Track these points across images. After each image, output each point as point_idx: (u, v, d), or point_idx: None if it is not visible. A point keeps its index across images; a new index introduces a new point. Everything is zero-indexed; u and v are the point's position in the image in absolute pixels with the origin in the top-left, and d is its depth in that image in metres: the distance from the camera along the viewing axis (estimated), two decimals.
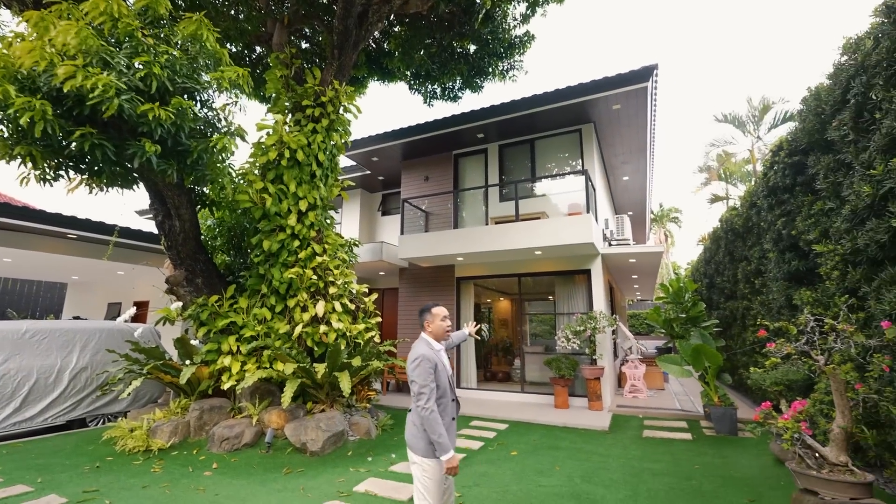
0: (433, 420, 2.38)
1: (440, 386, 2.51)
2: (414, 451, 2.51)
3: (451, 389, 2.63)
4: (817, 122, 3.96)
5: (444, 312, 2.72)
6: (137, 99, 4.41)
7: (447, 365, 2.65)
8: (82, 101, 4.17)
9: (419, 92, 9.51)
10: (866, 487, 2.93)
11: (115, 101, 4.10)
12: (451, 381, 2.63)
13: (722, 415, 6.27)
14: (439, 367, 2.55)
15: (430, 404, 2.39)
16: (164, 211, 6.26)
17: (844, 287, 3.75)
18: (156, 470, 4.75)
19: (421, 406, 2.41)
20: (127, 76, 4.32)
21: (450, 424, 2.54)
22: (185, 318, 6.31)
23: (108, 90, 4.04)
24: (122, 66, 4.33)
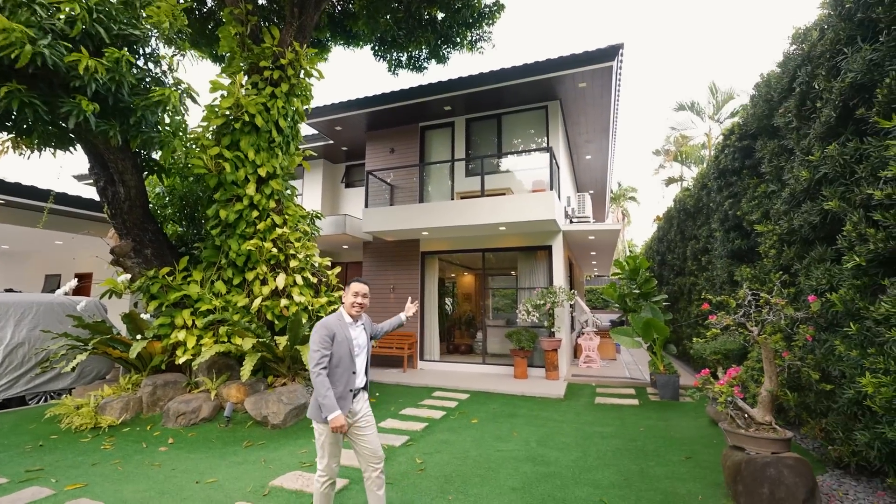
0: (318, 383, 2.58)
1: (336, 354, 2.67)
2: (308, 414, 2.74)
3: (353, 362, 2.73)
4: (766, 108, 4.19)
5: (357, 289, 2.85)
6: (63, 45, 3.95)
7: (353, 339, 2.77)
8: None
9: (384, 59, 9.18)
10: (786, 443, 3.27)
11: (26, 49, 3.64)
12: (353, 354, 2.73)
13: (666, 382, 6.76)
14: (338, 338, 2.69)
15: (317, 368, 2.58)
16: (106, 176, 5.81)
17: (780, 264, 4.07)
18: (106, 447, 4.58)
19: (310, 369, 2.61)
20: (44, 17, 3.82)
21: (344, 395, 2.68)
22: (133, 291, 5.99)
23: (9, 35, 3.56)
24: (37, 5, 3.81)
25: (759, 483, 3.07)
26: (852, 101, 2.91)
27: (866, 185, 2.70)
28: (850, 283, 2.90)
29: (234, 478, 3.78)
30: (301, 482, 3.64)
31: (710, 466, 3.97)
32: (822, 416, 3.74)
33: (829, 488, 3.41)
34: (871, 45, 2.73)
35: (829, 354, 3.32)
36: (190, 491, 3.52)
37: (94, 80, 4.17)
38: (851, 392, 3.01)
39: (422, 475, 3.83)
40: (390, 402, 6.60)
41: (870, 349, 2.77)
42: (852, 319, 2.95)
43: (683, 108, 15.54)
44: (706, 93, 15.88)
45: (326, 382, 2.58)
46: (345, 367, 2.70)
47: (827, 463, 3.83)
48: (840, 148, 2.97)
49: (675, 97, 23.68)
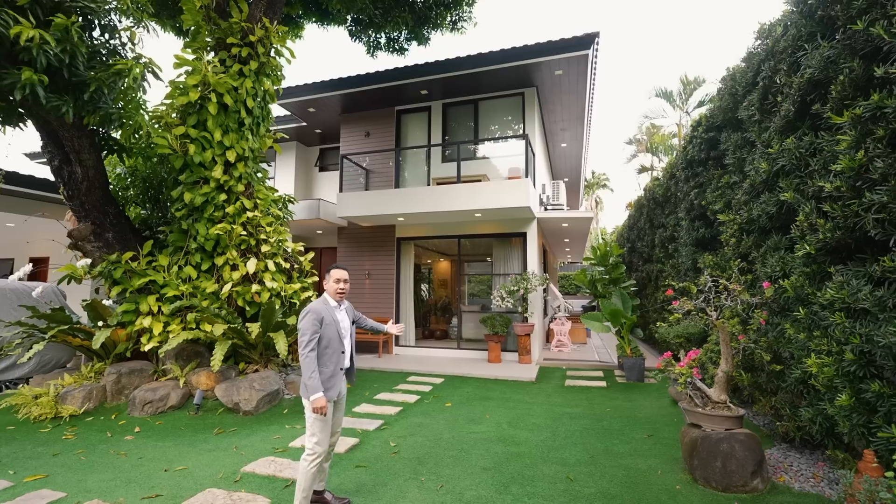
0: (305, 364, 2.70)
1: (325, 337, 2.81)
2: (300, 392, 2.83)
3: (341, 342, 2.91)
4: (731, 101, 4.33)
5: (338, 275, 2.97)
6: (7, 13, 3.67)
7: (340, 321, 2.94)
8: None
9: (361, 40, 8.93)
10: (738, 420, 3.49)
11: None
12: (341, 335, 2.92)
13: (632, 364, 7.04)
14: (327, 321, 2.83)
15: (306, 350, 2.70)
16: (61, 155, 5.49)
17: (739, 252, 4.28)
18: (68, 437, 4.44)
19: (299, 351, 2.72)
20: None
21: (335, 373, 2.86)
22: (94, 276, 5.73)
23: None
24: None
25: (714, 457, 3.27)
26: (809, 96, 3.05)
27: (818, 177, 2.86)
28: (801, 270, 3.08)
29: (205, 465, 3.74)
30: (274, 467, 3.64)
31: (669, 443, 4.19)
32: (773, 395, 3.99)
33: (775, 460, 3.66)
34: (828, 43, 2.85)
35: (780, 337, 3.53)
36: (158, 479, 3.46)
37: (44, 51, 3.90)
38: (798, 372, 3.23)
39: (395, 458, 3.89)
40: (365, 387, 6.63)
41: (815, 332, 2.96)
42: (801, 304, 3.14)
43: (659, 97, 15.86)
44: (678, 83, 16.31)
45: (313, 365, 2.70)
46: (334, 347, 2.86)
47: (775, 437, 4.10)
48: (797, 141, 3.12)
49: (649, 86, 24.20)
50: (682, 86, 15.12)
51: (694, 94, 15.07)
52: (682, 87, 15.13)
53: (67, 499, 3.12)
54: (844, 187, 2.55)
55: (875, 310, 2.40)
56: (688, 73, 14.25)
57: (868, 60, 2.57)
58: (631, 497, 3.15)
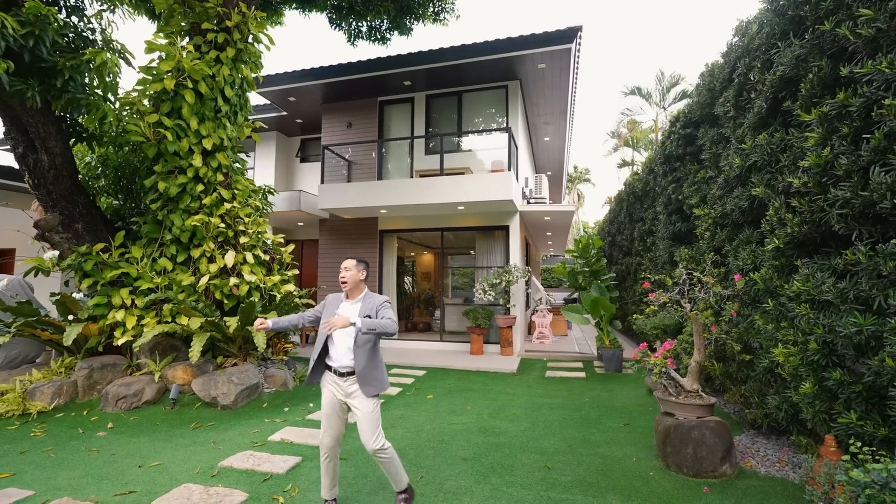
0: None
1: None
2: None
3: (329, 337, 2.88)
4: (709, 97, 4.42)
5: (342, 264, 2.94)
6: None
7: (338, 314, 2.85)
8: None
9: (341, 28, 8.77)
10: (709, 408, 3.60)
11: None
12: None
13: (611, 356, 7.19)
14: (328, 311, 2.89)
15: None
16: (25, 142, 5.25)
17: (713, 246, 4.39)
18: (37, 434, 4.30)
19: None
20: None
21: (316, 362, 2.89)
22: (63, 268, 5.54)
23: None
24: None
25: (685, 444, 3.38)
26: (781, 93, 3.13)
27: (788, 173, 2.94)
28: (770, 263, 3.18)
29: (181, 460, 3.68)
30: (252, 462, 3.60)
31: (645, 432, 4.30)
32: (742, 384, 4.14)
33: (744, 446, 3.80)
34: (799, 42, 2.92)
35: (750, 328, 3.65)
36: (132, 475, 3.39)
37: (3, 35, 3.70)
38: (766, 361, 3.35)
39: None
40: None
41: (783, 323, 3.07)
42: (770, 296, 3.25)
43: (633, 94, 16.07)
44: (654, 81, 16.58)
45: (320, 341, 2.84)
46: (320, 339, 2.87)
47: (744, 424, 4.26)
48: (769, 138, 3.21)
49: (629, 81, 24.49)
50: (658, 83, 15.39)
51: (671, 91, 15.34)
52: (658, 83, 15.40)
53: (36, 497, 3.04)
54: (811, 183, 2.64)
55: (837, 301, 2.50)
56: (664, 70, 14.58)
57: (835, 60, 2.65)
58: (606, 484, 3.24)
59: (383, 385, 2.81)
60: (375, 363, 2.77)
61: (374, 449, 2.67)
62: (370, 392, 2.71)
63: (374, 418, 2.71)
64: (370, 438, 2.68)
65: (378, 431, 2.72)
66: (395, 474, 2.82)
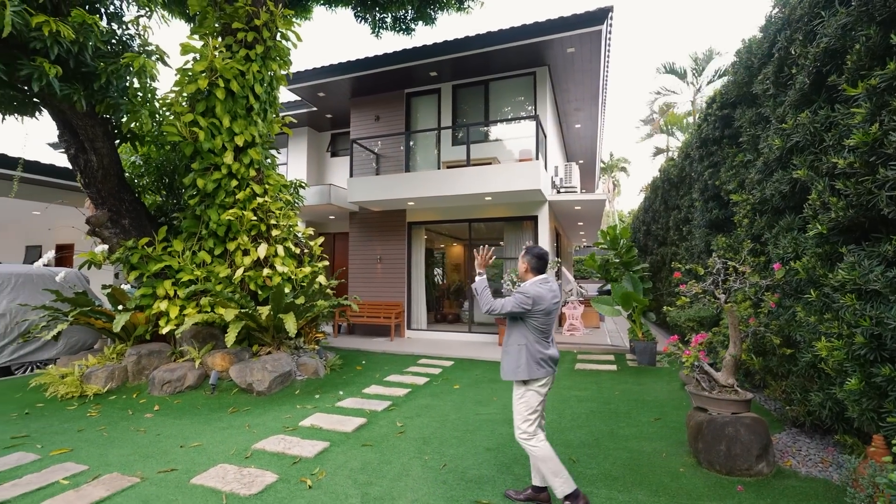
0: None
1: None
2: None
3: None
4: (746, 74, 4.14)
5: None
6: (26, 10, 3.75)
7: None
8: None
9: (365, 20, 8.81)
10: (745, 404, 3.43)
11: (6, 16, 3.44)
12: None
13: (644, 348, 6.97)
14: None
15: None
16: (76, 144, 5.63)
17: (752, 234, 4.14)
18: (92, 414, 4.66)
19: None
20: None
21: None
22: (112, 262, 5.93)
23: None
24: None
25: (718, 441, 3.24)
26: (825, 67, 2.88)
27: (833, 153, 2.72)
28: (813, 251, 2.97)
29: (218, 442, 3.89)
30: (283, 445, 3.76)
31: (676, 427, 4.16)
32: (784, 379, 3.91)
33: (783, 445, 3.61)
34: (845, 9, 2.68)
35: (792, 320, 3.43)
36: (174, 455, 3.62)
37: (58, 42, 3.96)
38: (809, 356, 3.14)
39: (401, 437, 3.97)
40: (376, 369, 6.75)
41: (826, 315, 2.87)
42: (813, 286, 3.04)
43: (667, 72, 15.13)
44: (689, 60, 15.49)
45: None
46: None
47: (785, 422, 4.03)
48: (811, 116, 2.97)
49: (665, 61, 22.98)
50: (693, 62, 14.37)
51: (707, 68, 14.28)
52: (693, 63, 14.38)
53: (89, 472, 3.30)
54: (858, 163, 2.42)
55: (886, 291, 2.31)
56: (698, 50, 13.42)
57: (886, 27, 2.41)
58: (633, 479, 3.16)
59: (508, 372, 2.74)
60: (508, 349, 2.77)
61: (516, 437, 2.72)
62: (503, 375, 2.77)
63: (517, 406, 2.73)
64: (515, 425, 2.74)
65: (521, 420, 2.70)
66: (546, 477, 2.65)
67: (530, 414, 2.69)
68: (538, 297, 2.67)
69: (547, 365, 2.71)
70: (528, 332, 2.72)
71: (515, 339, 2.75)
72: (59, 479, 3.15)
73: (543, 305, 2.68)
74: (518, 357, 2.71)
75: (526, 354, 2.69)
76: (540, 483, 2.81)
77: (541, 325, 2.71)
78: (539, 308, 2.67)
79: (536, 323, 2.70)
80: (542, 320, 2.71)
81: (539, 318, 2.70)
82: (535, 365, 2.68)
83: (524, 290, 2.72)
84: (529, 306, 2.65)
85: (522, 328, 2.73)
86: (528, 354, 2.69)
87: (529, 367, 2.68)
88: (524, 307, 2.65)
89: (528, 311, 2.67)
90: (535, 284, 2.76)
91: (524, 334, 2.73)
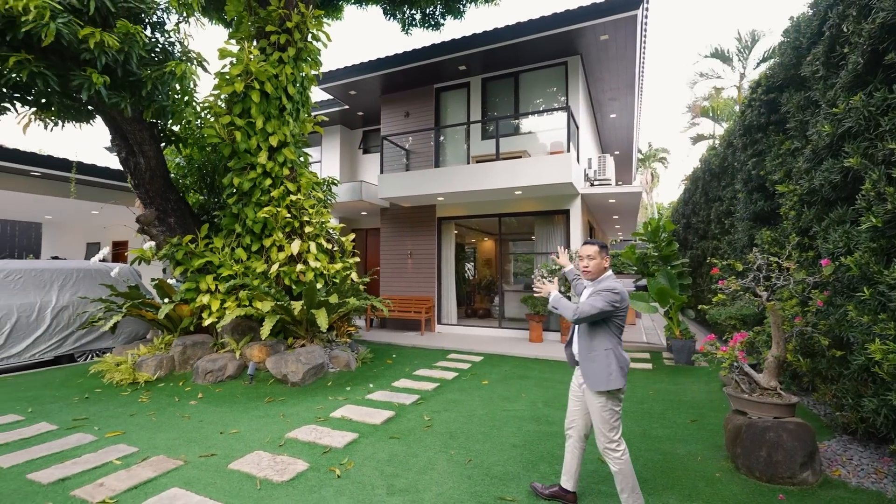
0: None
1: None
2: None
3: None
4: (794, 55, 3.84)
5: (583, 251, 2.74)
6: (76, 22, 4.03)
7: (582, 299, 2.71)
8: (13, 23, 3.81)
9: (395, 17, 8.86)
10: (789, 408, 3.23)
11: (51, 27, 3.75)
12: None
13: (681, 347, 6.70)
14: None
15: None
16: (126, 147, 6.01)
17: (799, 227, 3.87)
18: (143, 400, 5.00)
19: None
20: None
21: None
22: (159, 257, 6.31)
23: (42, 13, 3.68)
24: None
25: (758, 446, 3.08)
26: (882, 45, 2.63)
27: (890, 139, 2.49)
28: (867, 245, 2.74)
29: (255, 430, 4.08)
30: (314, 435, 3.89)
31: (714, 430, 3.98)
32: (834, 383, 3.65)
33: (833, 453, 3.37)
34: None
35: (842, 320, 3.19)
36: (214, 440, 3.83)
37: (105, 53, 4.24)
38: (862, 359, 2.92)
39: (428, 431, 4.02)
40: (405, 363, 6.84)
41: (881, 315, 2.65)
42: (867, 284, 2.81)
43: (712, 56, 14.17)
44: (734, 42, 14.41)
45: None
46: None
47: (836, 428, 3.77)
48: (866, 98, 2.72)
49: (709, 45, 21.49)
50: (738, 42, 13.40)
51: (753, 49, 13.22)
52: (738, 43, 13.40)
53: (139, 453, 3.54)
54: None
55: None
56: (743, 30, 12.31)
57: None
58: (665, 482, 3.06)
59: (598, 381, 2.48)
60: (593, 356, 2.52)
61: (601, 449, 2.55)
62: (591, 386, 2.51)
63: (600, 416, 2.52)
64: (596, 433, 2.57)
65: (608, 428, 2.50)
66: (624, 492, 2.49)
67: (616, 420, 2.51)
68: (624, 294, 2.48)
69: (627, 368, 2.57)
70: (612, 335, 2.53)
71: (601, 342, 2.52)
72: (112, 459, 3.41)
73: (627, 302, 2.51)
74: (608, 363, 2.49)
75: (615, 359, 2.50)
76: (571, 487, 2.75)
77: (621, 324, 2.54)
78: (624, 305, 2.50)
79: (619, 322, 2.52)
80: (623, 318, 2.53)
81: (622, 316, 2.52)
82: (622, 371, 2.50)
83: (611, 287, 2.50)
84: (619, 303, 2.46)
85: (606, 330, 2.52)
86: (616, 359, 2.50)
87: (622, 374, 2.49)
88: (615, 305, 2.44)
89: (617, 310, 2.47)
90: (615, 280, 2.59)
91: (608, 337, 2.52)
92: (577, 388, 2.74)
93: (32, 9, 3.64)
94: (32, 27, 3.75)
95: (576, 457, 2.76)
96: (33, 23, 3.69)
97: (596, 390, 2.50)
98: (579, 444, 2.77)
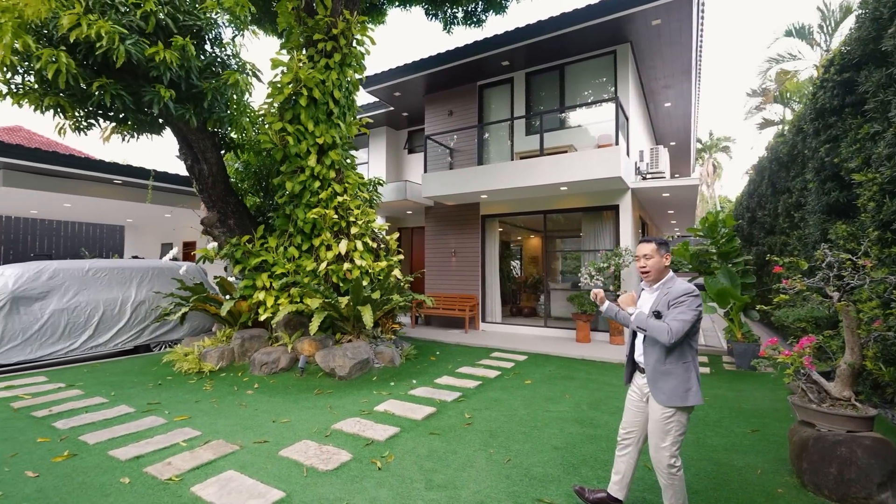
0: None
1: None
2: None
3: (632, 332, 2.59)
4: (873, 28, 3.42)
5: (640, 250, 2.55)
6: (143, 42, 4.43)
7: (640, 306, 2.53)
8: (92, 47, 4.26)
9: (437, 17, 8.91)
10: (866, 421, 2.91)
11: (121, 49, 4.16)
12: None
13: (743, 350, 6.23)
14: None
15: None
16: (192, 155, 6.53)
17: (879, 220, 3.46)
18: (206, 388, 5.42)
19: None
20: (127, 17, 4.32)
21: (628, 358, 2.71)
22: (221, 257, 6.80)
23: (112, 37, 4.09)
24: (119, 4, 4.32)
25: (827, 462, 2.81)
26: None
27: None
28: None
29: (304, 420, 4.30)
30: (358, 427, 4.04)
31: (778, 441, 3.68)
32: None
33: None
34: None
35: None
36: (267, 428, 4.08)
37: (168, 68, 4.63)
38: None
39: (468, 429, 4.03)
40: (448, 360, 6.90)
41: None
42: None
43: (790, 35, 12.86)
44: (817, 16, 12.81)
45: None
46: (627, 331, 2.63)
47: None
48: None
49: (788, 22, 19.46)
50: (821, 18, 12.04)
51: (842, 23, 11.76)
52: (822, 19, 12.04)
53: (201, 437, 3.85)
54: None
55: None
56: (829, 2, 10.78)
57: None
58: (719, 494, 2.87)
59: (675, 397, 2.28)
60: (669, 369, 2.31)
61: (654, 462, 2.38)
62: (665, 401, 2.30)
63: (661, 427, 2.34)
64: (653, 446, 2.38)
65: (671, 443, 2.31)
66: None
67: (682, 436, 2.34)
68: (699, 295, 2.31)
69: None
70: (691, 346, 2.32)
71: (679, 355, 2.30)
72: (179, 441, 3.73)
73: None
74: (687, 378, 2.28)
75: (694, 373, 2.30)
76: (622, 496, 2.63)
77: (697, 331, 2.34)
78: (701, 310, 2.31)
79: (697, 328, 2.32)
80: (699, 324, 2.34)
81: (698, 322, 2.31)
82: (699, 385, 2.32)
83: (688, 290, 2.29)
84: (701, 307, 2.28)
85: (685, 340, 2.30)
86: (696, 373, 2.31)
87: (699, 390, 2.30)
88: (699, 309, 2.26)
89: (699, 316, 2.28)
90: (683, 280, 2.39)
91: (687, 348, 2.31)
92: (639, 398, 2.54)
93: (104, 34, 4.05)
94: (107, 49, 4.17)
95: (631, 467, 2.62)
96: (107, 46, 4.11)
97: (670, 406, 2.30)
98: (636, 455, 2.61)
